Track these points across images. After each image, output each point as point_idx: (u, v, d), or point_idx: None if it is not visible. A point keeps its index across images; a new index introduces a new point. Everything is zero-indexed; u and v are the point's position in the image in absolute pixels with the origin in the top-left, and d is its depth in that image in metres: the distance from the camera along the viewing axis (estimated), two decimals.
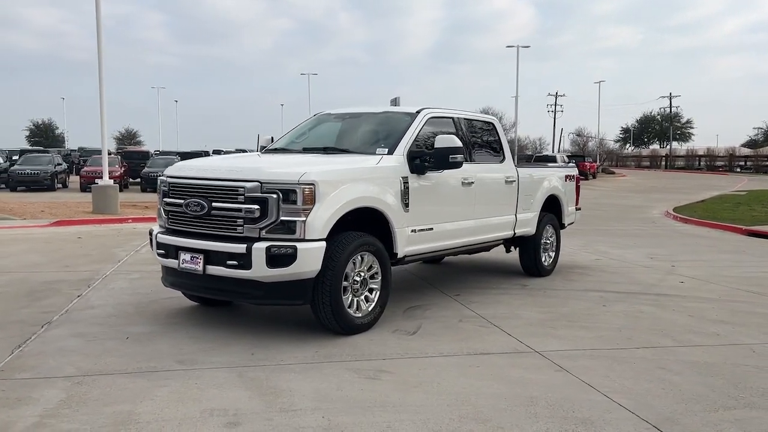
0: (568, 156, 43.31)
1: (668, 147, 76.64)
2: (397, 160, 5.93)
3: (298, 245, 4.97)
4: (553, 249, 8.73)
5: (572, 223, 9.43)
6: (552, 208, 8.82)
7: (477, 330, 5.73)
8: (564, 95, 74.86)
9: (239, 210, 5.10)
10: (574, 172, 9.36)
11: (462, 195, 6.69)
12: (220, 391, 4.15)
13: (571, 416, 3.82)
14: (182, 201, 5.43)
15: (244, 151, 51.43)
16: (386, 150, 6.03)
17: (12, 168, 27.33)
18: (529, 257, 8.38)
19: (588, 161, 46.06)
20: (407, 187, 5.90)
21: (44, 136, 67.12)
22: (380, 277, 5.70)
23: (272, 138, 7.26)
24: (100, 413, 3.77)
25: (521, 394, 4.16)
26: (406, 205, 5.90)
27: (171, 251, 5.49)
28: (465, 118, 7.15)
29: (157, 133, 67.61)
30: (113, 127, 71.30)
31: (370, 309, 5.60)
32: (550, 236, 8.66)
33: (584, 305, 6.82)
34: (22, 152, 33.45)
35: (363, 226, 5.70)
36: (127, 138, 73.85)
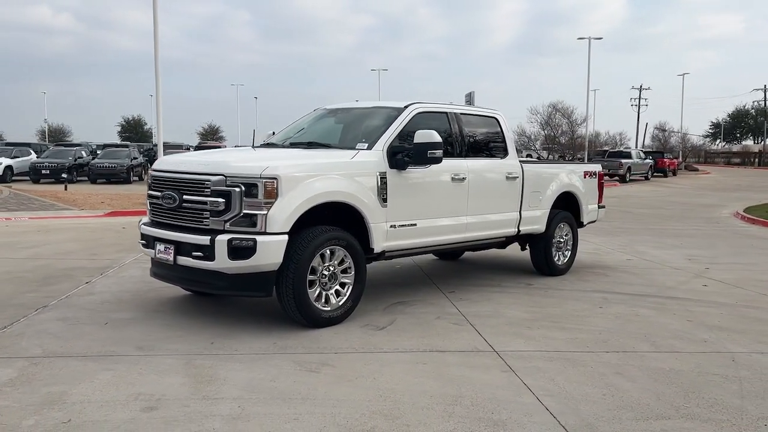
0: (644, 152, 41.66)
1: (762, 143, 72.19)
2: (375, 155, 5.92)
3: (258, 238, 5.06)
4: (569, 248, 8.47)
5: (593, 221, 9.10)
6: (569, 205, 8.55)
7: (449, 327, 5.66)
8: (649, 88, 71.88)
9: (205, 203, 5.25)
10: (596, 168, 9.03)
11: (452, 191, 6.61)
12: (159, 377, 4.30)
13: (487, 417, 3.73)
14: (159, 194, 5.64)
15: None
16: (366, 145, 6.03)
17: (92, 161, 28.96)
18: (540, 255, 8.17)
19: (668, 158, 44.09)
20: (385, 182, 5.88)
21: (134, 131, 70.72)
22: (353, 272, 5.71)
23: (273, 132, 7.39)
24: (36, 393, 3.98)
25: (449, 393, 4.09)
26: (384, 200, 5.88)
27: (150, 242, 5.71)
28: (462, 113, 7.05)
29: (238, 128, 69.72)
30: (198, 123, 74.07)
31: (340, 303, 5.63)
32: (565, 234, 8.41)
33: (580, 306, 6.61)
34: (104, 146, 35.36)
35: (340, 221, 5.73)
36: (210, 133, 76.81)
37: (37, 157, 29.98)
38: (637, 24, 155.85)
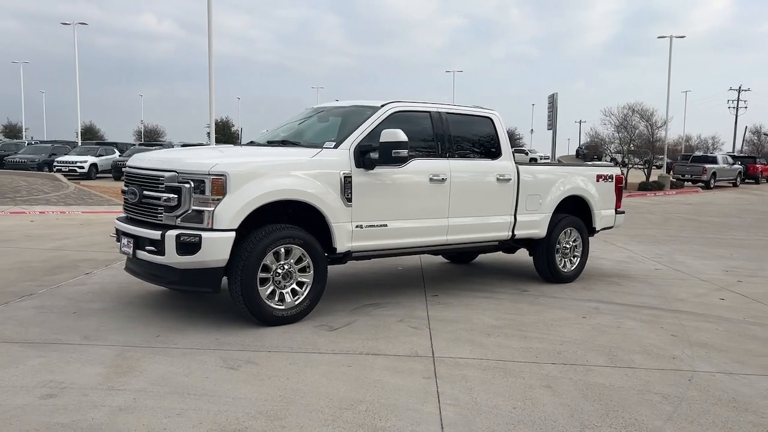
0: (734, 157, 39.26)
1: None
2: (340, 154, 5.87)
3: (203, 234, 5.12)
4: (577, 254, 8.09)
5: (609, 227, 8.65)
6: (578, 210, 8.18)
7: (404, 331, 5.52)
8: (749, 90, 67.71)
9: (160, 198, 5.35)
10: (612, 172, 8.57)
11: (430, 192, 6.45)
12: (82, 366, 4.42)
13: (371, 424, 3.61)
14: (126, 189, 5.81)
15: None
16: (333, 144, 5.98)
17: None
18: (542, 261, 7.86)
19: (761, 163, 41.37)
20: (349, 182, 5.81)
21: (222, 132, 73.44)
22: (312, 271, 5.67)
23: (267, 130, 7.47)
24: None
25: (351, 398, 3.99)
26: (348, 199, 5.82)
27: (119, 236, 5.88)
28: (449, 113, 6.87)
29: None
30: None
31: (297, 302, 5.61)
32: (573, 240, 8.04)
33: (562, 315, 6.30)
34: (182, 144, 36.88)
35: (303, 220, 5.72)
36: None
37: (119, 156, 31.63)
38: (742, 22, 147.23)
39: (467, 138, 7.03)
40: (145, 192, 5.52)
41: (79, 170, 28.91)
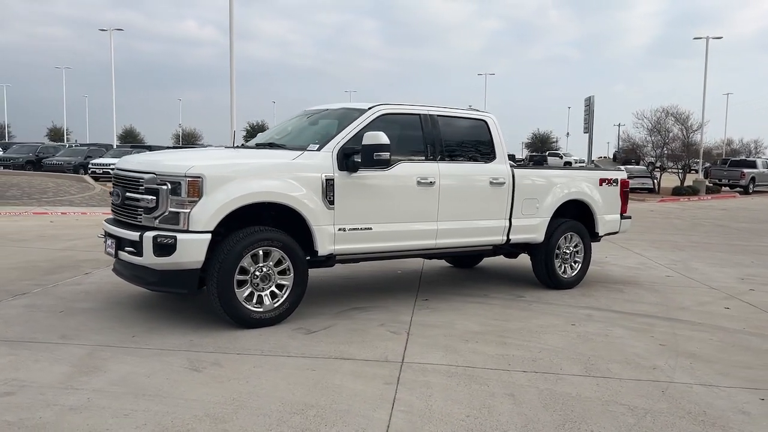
0: None
1: None
2: (322, 156, 5.85)
3: (179, 236, 5.15)
4: (578, 260, 7.92)
5: (614, 233, 8.43)
6: (580, 215, 8.01)
7: (381, 336, 5.47)
8: None
9: (139, 200, 5.40)
10: (617, 175, 8.37)
11: (418, 195, 6.38)
12: (49, 365, 4.47)
13: (317, 430, 3.57)
14: (112, 190, 5.88)
15: None
16: (317, 146, 5.97)
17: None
18: (540, 267, 7.71)
19: None
20: (331, 184, 5.79)
21: (253, 137, 74.46)
22: (292, 274, 5.66)
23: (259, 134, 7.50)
24: None
25: (305, 402, 3.96)
26: (331, 202, 5.79)
27: (105, 236, 5.96)
28: (441, 116, 6.79)
29: None
30: None
31: (276, 305, 5.60)
32: (574, 246, 7.88)
33: (550, 322, 6.16)
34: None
35: (285, 223, 5.72)
36: None
37: None
38: None
39: (459, 141, 6.93)
40: (127, 194, 5.58)
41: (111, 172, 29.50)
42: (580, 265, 7.96)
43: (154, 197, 5.29)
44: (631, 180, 31.02)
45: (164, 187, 5.24)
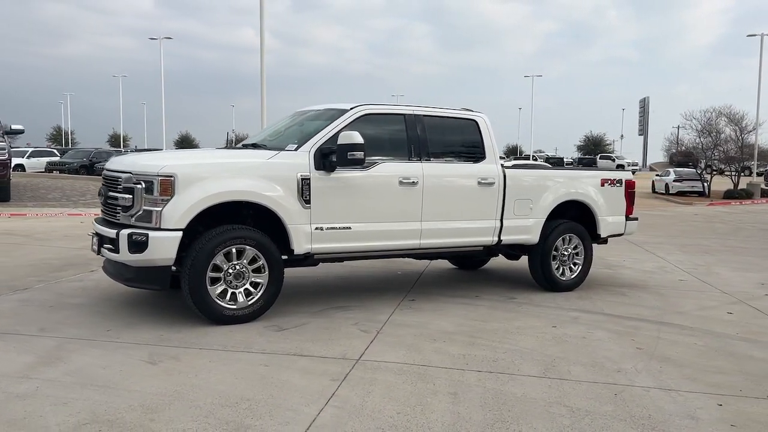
0: None
1: None
2: (298, 156, 5.92)
3: (151, 233, 5.31)
4: (577, 262, 7.77)
5: (619, 234, 8.22)
6: (581, 216, 7.86)
7: (350, 334, 5.50)
8: None
9: (117, 198, 5.60)
10: (621, 176, 8.17)
11: (400, 195, 6.39)
12: (16, 356, 4.68)
13: (241, 422, 3.63)
14: (99, 190, 6.11)
15: None
16: (295, 146, 6.05)
17: None
18: (536, 268, 7.60)
19: None
20: (308, 184, 5.86)
21: None
22: (267, 272, 5.75)
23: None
24: None
25: (240, 396, 4.02)
26: (307, 201, 5.86)
27: (93, 234, 6.19)
28: (428, 116, 6.78)
29: None
30: None
31: (250, 303, 5.70)
32: (573, 247, 7.73)
33: (531, 324, 6.08)
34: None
35: (264, 221, 5.83)
36: None
37: None
38: None
39: (446, 141, 6.91)
40: (109, 192, 5.78)
41: None
42: (580, 267, 7.79)
43: (131, 196, 5.46)
44: (680, 183, 30.28)
45: (139, 186, 5.40)
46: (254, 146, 6.54)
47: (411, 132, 6.57)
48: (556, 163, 50.17)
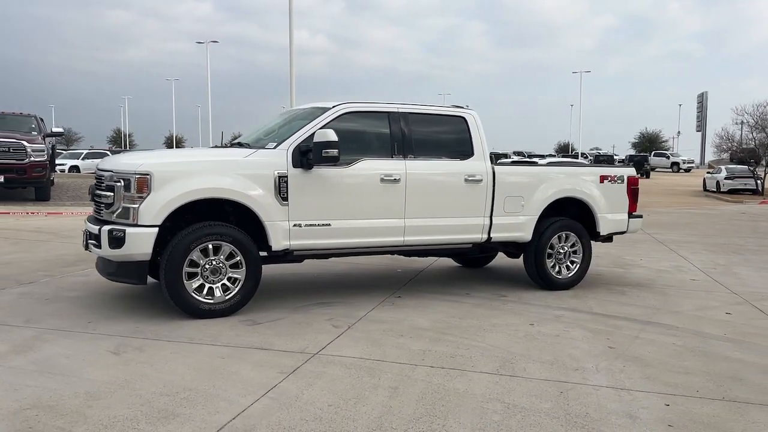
0: None
1: None
2: (276, 154, 6.04)
3: (128, 229, 5.52)
4: (575, 260, 7.65)
5: (621, 232, 8.05)
6: (580, 213, 7.75)
7: (320, 329, 5.58)
8: None
9: (101, 196, 5.84)
10: (622, 172, 7.99)
11: (381, 192, 6.43)
12: None
13: (173, 411, 3.75)
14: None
15: (521, 154, 51.58)
16: (274, 144, 6.18)
17: None
18: (530, 266, 7.53)
19: None
20: (284, 181, 5.97)
21: None
22: (244, 268, 5.89)
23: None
24: None
25: (184, 385, 4.15)
26: (284, 198, 5.97)
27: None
28: (413, 113, 6.80)
29: None
30: None
31: (227, 297, 5.84)
32: (570, 245, 7.62)
33: (510, 321, 6.04)
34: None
35: (244, 218, 5.98)
36: None
37: None
38: None
39: (432, 138, 6.91)
40: (96, 191, 6.02)
41: None
42: (578, 265, 7.67)
43: (112, 193, 5.68)
44: (732, 181, 29.22)
45: (119, 183, 5.62)
46: (239, 145, 6.69)
47: (395, 129, 6.60)
48: (605, 160, 49.03)
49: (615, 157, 54.21)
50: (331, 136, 5.88)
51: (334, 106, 6.45)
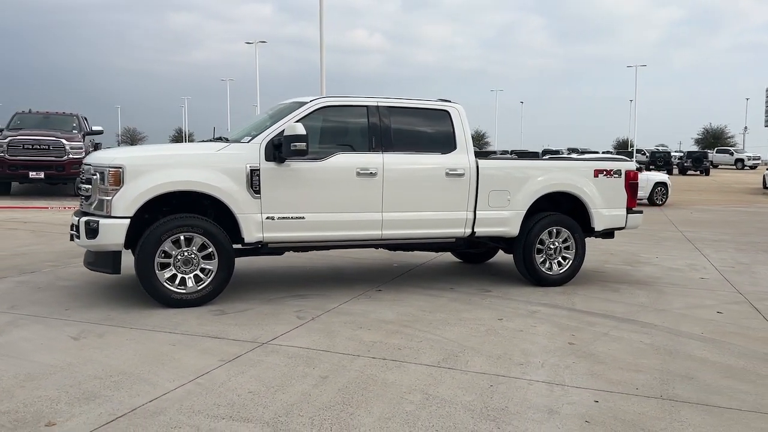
0: None
1: None
2: (249, 148, 6.16)
3: (101, 220, 5.74)
4: (567, 256, 7.50)
5: (619, 228, 7.83)
6: (574, 208, 7.60)
7: (283, 320, 5.65)
8: None
9: (81, 189, 6.10)
10: (619, 166, 7.77)
11: (357, 186, 6.47)
12: None
13: (98, 393, 3.89)
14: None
15: (575, 151, 50.55)
16: (249, 138, 6.31)
17: None
18: (518, 262, 7.44)
19: None
20: (257, 175, 6.09)
21: None
22: (216, 259, 6.04)
23: None
24: None
25: (120, 369, 4.29)
26: (257, 191, 6.09)
27: None
28: (393, 107, 6.80)
29: (502, 133, 71.06)
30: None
31: (199, 288, 6.00)
32: (562, 241, 7.47)
33: (478, 316, 5.99)
34: None
35: (220, 211, 6.14)
36: (476, 140, 78.90)
37: None
38: None
39: (413, 132, 6.89)
40: (80, 184, 6.28)
41: None
42: (570, 261, 7.52)
43: (90, 186, 5.92)
44: None
45: (95, 176, 5.85)
46: (219, 139, 6.84)
47: (373, 123, 6.62)
48: (661, 157, 47.50)
49: (674, 153, 52.43)
50: (299, 129, 5.95)
51: (311, 100, 6.52)
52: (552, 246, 7.41)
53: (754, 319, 6.18)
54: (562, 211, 7.56)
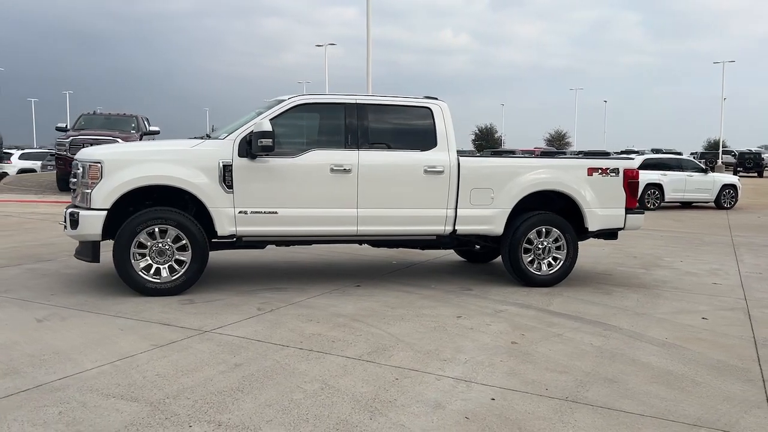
0: None
1: None
2: (222, 144, 6.40)
3: (81, 212, 6.13)
4: (558, 256, 7.34)
5: (618, 229, 7.57)
6: (566, 207, 7.44)
7: (241, 311, 5.81)
8: None
9: (71, 183, 6.52)
10: (616, 165, 7.50)
11: (331, 182, 6.59)
12: None
13: (22, 371, 4.16)
14: None
15: (659, 151, 48.53)
16: (225, 135, 6.56)
17: None
18: (505, 261, 7.34)
19: None
20: (230, 170, 6.32)
21: (485, 139, 75.45)
22: (190, 251, 6.32)
23: None
24: None
25: (59, 350, 4.57)
26: (229, 186, 6.33)
27: None
28: (372, 104, 6.87)
29: (582, 132, 69.31)
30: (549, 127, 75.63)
31: (173, 278, 6.29)
32: (552, 241, 7.32)
33: (438, 313, 5.98)
34: None
35: (197, 205, 6.42)
36: (557, 139, 76.97)
37: None
38: None
39: (392, 129, 6.94)
40: (70, 178, 6.71)
41: None
42: (561, 262, 7.34)
43: (75, 180, 6.32)
44: None
45: (79, 171, 6.24)
46: (208, 137, 7.11)
47: (350, 121, 6.71)
48: (750, 159, 44.99)
49: (766, 155, 49.34)
50: (266, 126, 6.12)
51: (288, 98, 6.68)
52: (540, 246, 7.25)
53: (737, 327, 5.86)
54: (556, 210, 7.39)
